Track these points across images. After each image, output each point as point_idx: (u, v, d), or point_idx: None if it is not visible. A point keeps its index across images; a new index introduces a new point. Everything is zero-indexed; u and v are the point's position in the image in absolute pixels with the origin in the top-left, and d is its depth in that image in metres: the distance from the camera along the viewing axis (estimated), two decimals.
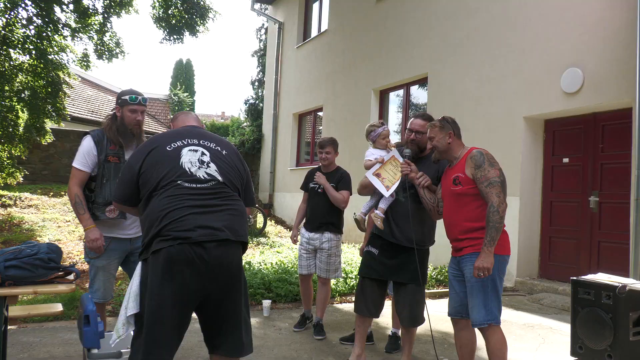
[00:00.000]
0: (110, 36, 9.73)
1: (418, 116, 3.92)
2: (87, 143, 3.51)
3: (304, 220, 5.14)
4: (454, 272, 3.47)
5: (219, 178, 2.66)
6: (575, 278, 4.47)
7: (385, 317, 5.55)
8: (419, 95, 10.08)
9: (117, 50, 9.70)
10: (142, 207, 2.63)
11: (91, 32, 9.54)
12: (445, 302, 6.17)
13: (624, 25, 6.30)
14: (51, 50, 9.07)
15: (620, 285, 4.14)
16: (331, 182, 4.92)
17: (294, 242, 5.18)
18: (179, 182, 2.57)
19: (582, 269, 6.88)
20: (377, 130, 4.07)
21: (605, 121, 6.91)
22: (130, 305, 2.51)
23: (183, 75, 32.09)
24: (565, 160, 7.33)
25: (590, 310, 4.27)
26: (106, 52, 9.62)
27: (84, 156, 3.49)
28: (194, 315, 2.58)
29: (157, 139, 2.78)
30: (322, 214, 4.91)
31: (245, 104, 17.94)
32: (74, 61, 9.47)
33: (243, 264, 7.35)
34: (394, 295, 3.96)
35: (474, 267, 3.12)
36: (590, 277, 4.49)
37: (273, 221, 13.25)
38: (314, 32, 13.88)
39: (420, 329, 4.96)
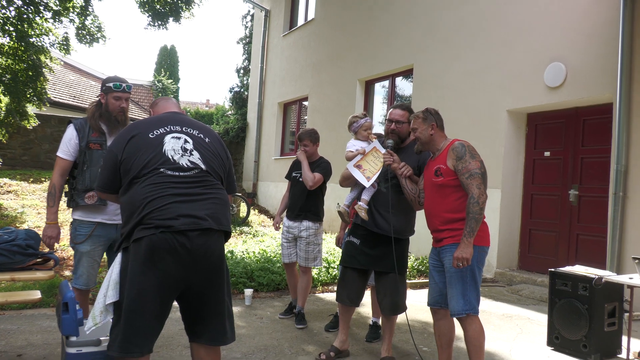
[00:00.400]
0: (92, 20, 9.56)
1: (397, 106, 3.95)
2: (69, 131, 3.56)
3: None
4: (434, 263, 3.50)
5: (202, 166, 2.64)
6: (553, 270, 4.55)
7: (367, 307, 5.59)
8: (404, 86, 10.10)
9: (99, 34, 9.54)
10: (122, 194, 2.61)
11: (72, 15, 9.37)
12: (425, 292, 6.24)
13: (607, 21, 6.37)
14: (32, 32, 8.90)
15: (597, 277, 4.22)
16: (312, 167, 4.97)
17: (276, 228, 5.23)
18: (161, 169, 2.54)
19: (561, 261, 7.00)
20: (359, 121, 4.09)
21: (586, 116, 6.99)
22: (109, 293, 2.49)
23: (167, 61, 31.75)
24: (547, 153, 7.42)
25: (567, 301, 4.36)
26: (87, 36, 9.45)
27: (66, 144, 3.53)
28: (175, 303, 2.58)
29: (138, 125, 2.74)
30: (301, 202, 4.97)
31: (230, 92, 17.82)
32: (53, 45, 9.29)
33: (225, 253, 7.36)
34: (376, 284, 4.00)
35: (453, 257, 3.16)
36: (567, 269, 4.57)
37: (256, 210, 13.23)
38: (300, 21, 13.81)
39: (401, 319, 5.02)
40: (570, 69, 6.72)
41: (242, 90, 17.55)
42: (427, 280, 3.58)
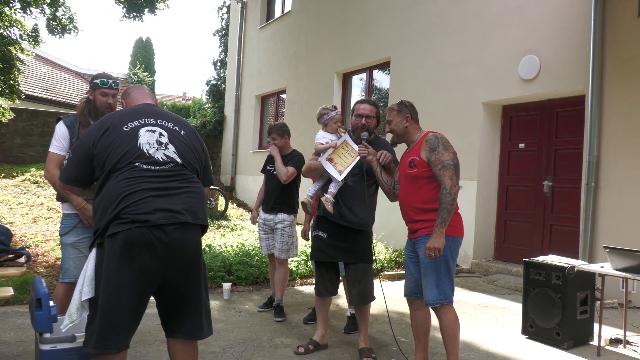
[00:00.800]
0: (63, 11, 9.37)
1: (364, 101, 4.00)
2: (60, 128, 3.61)
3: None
4: (409, 254, 3.54)
5: (178, 160, 2.62)
6: (527, 260, 4.64)
7: (345, 298, 5.63)
8: (381, 79, 10.13)
9: (71, 26, 9.35)
10: (97, 189, 2.58)
11: (43, 5, 9.16)
12: (403, 284, 6.30)
13: (580, 14, 6.47)
14: (0, 24, 8.69)
15: (569, 266, 4.31)
16: (285, 160, 5.04)
17: (254, 222, 5.30)
18: (136, 164, 2.52)
19: (535, 251, 7.12)
20: (330, 114, 4.10)
21: (559, 108, 7.11)
22: (85, 289, 2.47)
23: (143, 54, 31.30)
24: (522, 145, 7.53)
25: (541, 290, 4.45)
26: (58, 28, 9.25)
27: (60, 140, 3.57)
28: (151, 298, 2.57)
29: (112, 117, 2.70)
30: (276, 195, 5.03)
31: (207, 84, 17.66)
32: (22, 37, 9.08)
33: (203, 247, 7.31)
34: (345, 274, 4.05)
35: (425, 248, 3.20)
36: (541, 258, 4.67)
37: (235, 204, 13.18)
38: (277, 13, 13.73)
39: (378, 310, 5.06)
40: (543, 62, 6.82)
41: (219, 83, 17.42)
42: (404, 272, 3.61)
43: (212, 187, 12.04)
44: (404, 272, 7.10)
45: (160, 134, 2.66)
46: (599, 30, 6.17)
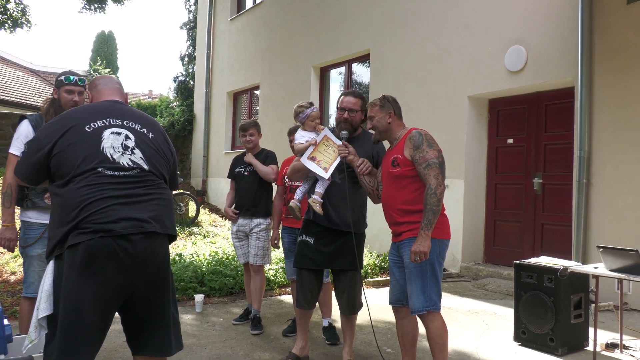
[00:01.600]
0: (15, 3, 9.20)
1: (349, 93, 3.97)
2: (25, 127, 3.58)
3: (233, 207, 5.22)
4: (394, 259, 3.55)
5: (145, 166, 2.60)
6: (518, 262, 4.68)
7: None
8: (361, 73, 10.16)
9: (23, 19, 9.19)
10: (53, 196, 2.52)
11: None
12: (388, 290, 6.32)
13: (567, 0, 6.57)
14: None
15: (562, 267, 4.36)
16: (259, 160, 5.08)
17: (234, 219, 5.19)
18: (99, 169, 2.48)
19: (526, 253, 7.21)
20: (305, 111, 4.09)
21: (548, 100, 7.21)
22: (42, 306, 2.41)
23: (105, 49, 30.93)
24: (510, 141, 7.62)
25: (533, 294, 4.49)
26: (9, 22, 9.09)
27: (21, 141, 3.52)
28: (116, 314, 2.53)
29: (74, 115, 2.63)
30: (250, 198, 5.03)
31: (175, 81, 17.53)
32: None
33: (173, 256, 7.22)
34: (334, 282, 4.03)
35: (411, 252, 3.21)
36: (532, 260, 4.71)
37: (207, 209, 13.10)
38: (248, 4, 13.68)
39: (362, 319, 5.06)
40: (530, 52, 6.90)
41: (187, 79, 17.28)
42: (389, 278, 3.62)
43: (182, 191, 12.01)
44: (387, 278, 7.15)
45: (127, 137, 2.62)
46: (587, 19, 6.27)
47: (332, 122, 10.01)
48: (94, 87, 2.92)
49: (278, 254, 7.19)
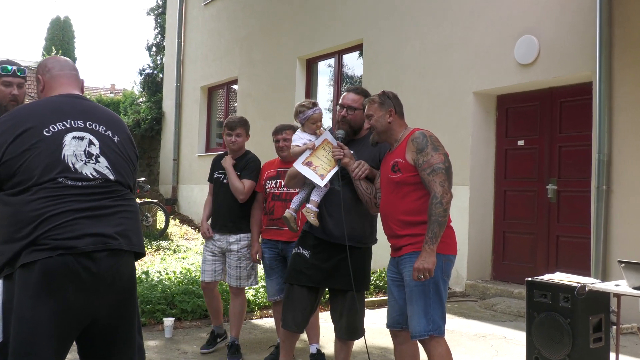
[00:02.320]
0: None
1: (351, 90, 3.97)
2: None
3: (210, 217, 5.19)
4: (392, 276, 3.55)
5: (110, 176, 2.59)
6: (530, 279, 4.70)
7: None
8: (353, 65, 10.20)
9: None
10: (2, 205, 2.48)
11: None
12: (385, 312, 6.31)
13: None
14: None
15: (579, 285, 4.39)
16: (237, 168, 4.98)
17: (206, 236, 5.13)
18: (59, 179, 2.47)
19: (539, 268, 7.23)
20: (306, 112, 4.10)
21: (563, 97, 7.28)
22: None
23: (60, 37, 30.80)
24: (520, 142, 7.68)
25: (547, 315, 4.51)
26: None
27: None
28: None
29: (30, 115, 2.58)
30: (230, 210, 4.96)
31: (141, 74, 17.45)
32: None
33: (139, 274, 7.16)
34: (331, 302, 4.01)
35: (413, 269, 3.21)
36: (547, 277, 4.73)
37: (177, 220, 13.04)
38: None
39: (355, 345, 5.05)
40: (543, 43, 6.96)
41: (155, 71, 17.22)
42: (386, 298, 3.63)
43: (149, 200, 11.94)
44: (385, 297, 7.15)
45: (90, 142, 2.60)
46: (606, 8, 6.32)
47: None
48: (46, 71, 2.81)
49: (258, 271, 7.16)
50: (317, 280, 3.89)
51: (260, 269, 5.15)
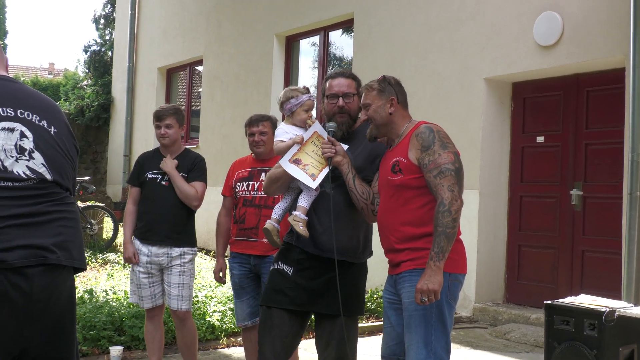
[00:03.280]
0: None
1: (337, 75, 3.93)
2: None
3: (137, 229, 5.05)
4: (389, 298, 3.54)
5: (47, 176, 2.59)
6: (549, 302, 4.71)
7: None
8: (341, 44, 10.20)
9: None
10: None
11: None
12: (379, 339, 6.31)
13: None
14: None
15: (608, 310, 4.40)
16: (182, 170, 4.93)
17: (131, 261, 5.00)
18: None
19: (561, 289, 7.25)
20: (300, 97, 4.00)
21: (590, 85, 7.31)
22: None
23: None
24: (540, 139, 7.70)
25: (570, 345, 4.52)
26: None
27: None
28: None
29: None
30: (174, 218, 4.91)
31: (86, 52, 17.37)
32: None
33: (81, 293, 7.11)
34: (316, 328, 3.97)
35: (416, 290, 3.20)
36: (569, 300, 4.75)
37: None
38: None
39: None
40: (568, 21, 6.97)
41: (103, 49, 17.13)
42: (381, 323, 3.62)
43: (94, 204, 11.84)
44: (379, 323, 7.14)
45: (22, 135, 2.59)
46: None
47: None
48: None
49: (226, 290, 7.14)
50: (301, 303, 3.83)
51: (228, 289, 5.12)
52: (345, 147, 3.79)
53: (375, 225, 3.89)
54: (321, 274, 3.83)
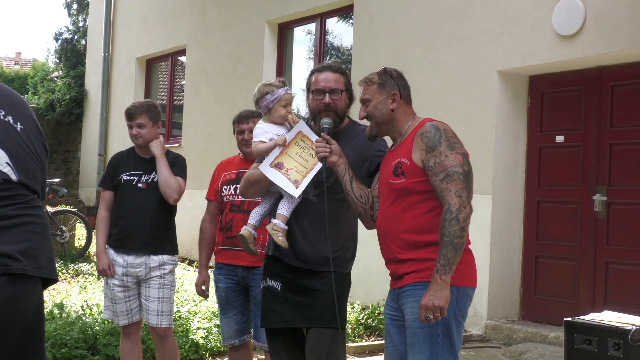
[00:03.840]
0: None
1: (323, 69, 3.96)
2: None
3: (111, 237, 5.05)
4: (391, 314, 3.55)
5: (12, 176, 2.59)
6: (570, 319, 4.72)
7: None
8: (339, 32, 10.20)
9: None
10: None
11: None
12: (381, 359, 6.31)
13: None
14: None
15: (635, 328, 4.41)
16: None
17: (107, 273, 5.00)
18: None
19: (583, 305, 7.25)
20: (276, 92, 4.02)
21: (616, 80, 7.30)
22: None
23: None
24: (560, 138, 7.69)
25: None
26: None
27: None
28: None
29: None
30: (153, 222, 4.92)
31: (57, 40, 17.38)
32: None
33: (50, 308, 7.11)
34: (307, 342, 3.97)
35: (420, 306, 3.20)
36: (592, 317, 4.76)
37: None
38: None
39: None
40: (590, 9, 6.97)
41: (76, 37, 17.13)
42: (382, 342, 3.63)
43: (65, 208, 11.82)
44: (379, 342, 7.12)
45: None
46: None
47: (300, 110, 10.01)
48: None
49: (211, 305, 7.13)
50: (290, 319, 3.90)
51: (214, 304, 5.12)
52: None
53: (361, 233, 3.92)
54: (305, 286, 3.90)
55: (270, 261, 4.02)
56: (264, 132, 4.00)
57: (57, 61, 17.54)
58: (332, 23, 10.25)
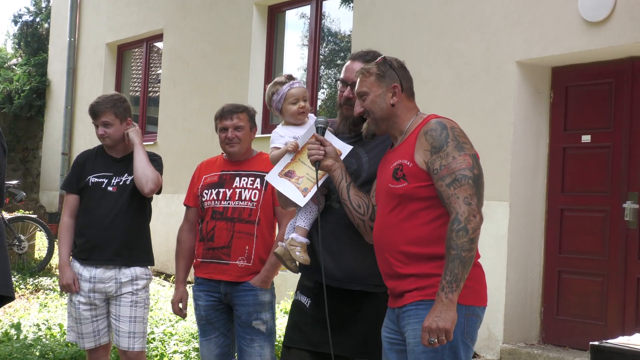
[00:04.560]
0: None
1: (358, 57, 3.94)
2: None
3: (76, 248, 5.05)
4: (390, 337, 3.56)
5: None
6: (597, 343, 4.74)
7: None
8: (338, 16, 10.24)
9: None
10: None
11: None
12: None
13: None
14: None
15: None
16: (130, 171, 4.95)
17: (72, 289, 4.97)
18: None
19: (611, 327, 7.27)
20: (281, 90, 4.01)
21: None
22: None
23: None
24: (586, 138, 7.71)
25: None
26: None
27: None
28: None
29: None
30: (125, 230, 4.93)
31: (15, 23, 17.38)
32: None
33: (5, 328, 7.13)
34: None
35: (423, 328, 3.20)
36: (621, 340, 4.78)
37: None
38: None
39: None
40: None
41: (38, 19, 17.14)
42: None
43: (23, 214, 11.80)
44: None
45: None
46: None
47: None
48: None
49: (189, 326, 7.15)
50: (318, 342, 3.88)
51: (193, 324, 5.13)
52: (349, 148, 3.80)
53: None
54: (340, 308, 3.87)
55: (304, 273, 4.06)
56: (278, 136, 4.02)
57: (16, 47, 17.55)
58: (330, 5, 10.27)
